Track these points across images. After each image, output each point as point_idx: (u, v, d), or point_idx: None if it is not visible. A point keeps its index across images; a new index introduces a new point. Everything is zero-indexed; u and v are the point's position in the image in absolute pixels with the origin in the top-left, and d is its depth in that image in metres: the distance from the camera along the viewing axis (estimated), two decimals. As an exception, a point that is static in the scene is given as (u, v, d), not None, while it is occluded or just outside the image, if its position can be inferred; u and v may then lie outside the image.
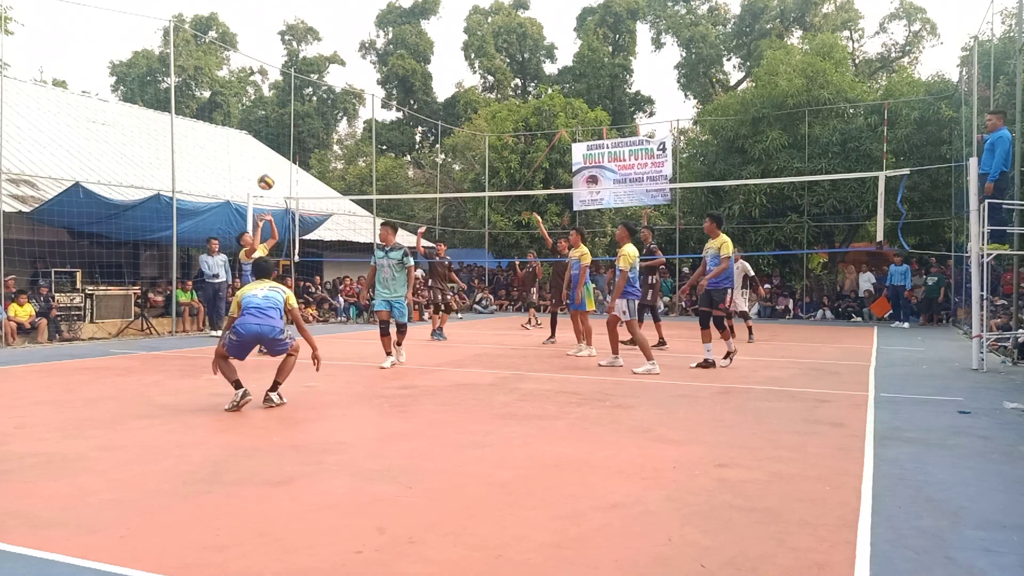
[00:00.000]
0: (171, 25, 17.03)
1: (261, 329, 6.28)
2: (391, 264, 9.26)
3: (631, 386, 7.80)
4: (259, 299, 6.42)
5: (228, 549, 3.15)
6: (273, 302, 6.46)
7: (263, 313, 6.33)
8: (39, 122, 18.63)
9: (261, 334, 6.29)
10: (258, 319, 6.29)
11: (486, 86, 43.49)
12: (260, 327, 6.27)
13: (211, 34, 42.74)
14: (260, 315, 6.32)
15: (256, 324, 6.27)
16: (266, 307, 6.38)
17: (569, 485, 4.12)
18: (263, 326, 6.28)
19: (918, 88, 20.18)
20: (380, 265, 9.35)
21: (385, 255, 9.32)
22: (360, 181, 34.56)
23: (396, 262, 9.26)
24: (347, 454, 4.81)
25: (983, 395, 7.33)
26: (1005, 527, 3.47)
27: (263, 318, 6.31)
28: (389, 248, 9.34)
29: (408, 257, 9.32)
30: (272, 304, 6.44)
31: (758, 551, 3.13)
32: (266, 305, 6.40)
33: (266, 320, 6.31)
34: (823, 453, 4.85)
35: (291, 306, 6.55)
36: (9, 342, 12.11)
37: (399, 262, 9.27)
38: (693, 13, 38.00)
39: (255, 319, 6.29)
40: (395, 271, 9.27)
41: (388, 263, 9.28)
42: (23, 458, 4.66)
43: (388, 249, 9.33)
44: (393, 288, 9.28)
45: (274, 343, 6.42)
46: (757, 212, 20.22)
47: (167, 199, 14.15)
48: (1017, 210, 9.99)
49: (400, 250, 9.32)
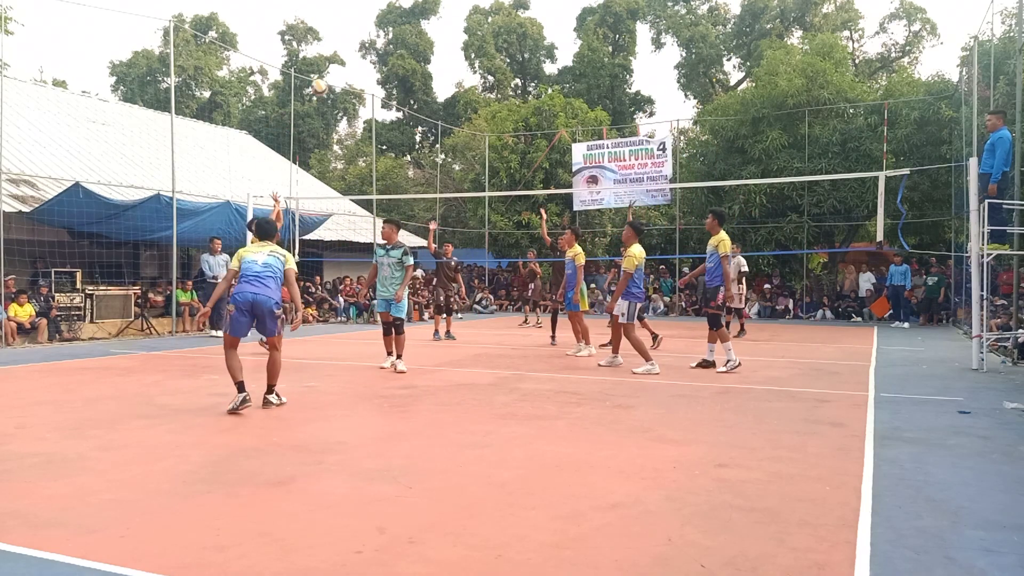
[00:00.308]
0: (171, 25, 17.03)
1: (257, 298, 6.19)
2: (391, 263, 9.14)
3: (631, 386, 7.80)
4: (259, 267, 6.32)
5: (228, 549, 3.15)
6: (273, 270, 6.36)
7: (261, 282, 6.26)
8: (39, 122, 18.63)
9: (256, 303, 6.20)
10: (255, 288, 6.22)
11: (486, 86, 43.50)
12: (256, 296, 6.20)
13: (211, 34, 42.75)
14: (258, 283, 6.25)
15: (252, 293, 6.20)
16: (264, 275, 6.29)
17: (569, 485, 4.12)
18: (259, 295, 6.20)
19: (918, 88, 20.18)
20: (380, 264, 9.24)
21: (386, 253, 9.20)
22: (360, 181, 34.57)
23: (395, 261, 9.14)
24: (347, 454, 4.81)
25: (983, 395, 7.33)
26: (1005, 527, 3.47)
27: (260, 287, 6.24)
28: (390, 247, 9.22)
29: (408, 256, 9.21)
30: (271, 272, 6.34)
31: (758, 551, 3.13)
32: (265, 274, 6.31)
33: (263, 289, 6.23)
34: (823, 453, 4.85)
35: (289, 267, 6.46)
36: (9, 342, 12.11)
37: (398, 261, 9.15)
38: (693, 13, 38.00)
39: (252, 287, 6.22)
40: (394, 270, 9.14)
41: (388, 261, 9.16)
42: (23, 458, 4.66)
43: (389, 248, 9.22)
44: (391, 288, 9.16)
45: (267, 318, 6.28)
46: (757, 212, 20.22)
47: (167, 199, 14.15)
48: (1017, 210, 9.99)
49: (400, 249, 9.19)
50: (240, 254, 6.46)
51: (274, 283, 6.35)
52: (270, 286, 6.30)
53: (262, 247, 6.52)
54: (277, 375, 6.51)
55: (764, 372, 8.94)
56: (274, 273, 6.36)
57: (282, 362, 6.64)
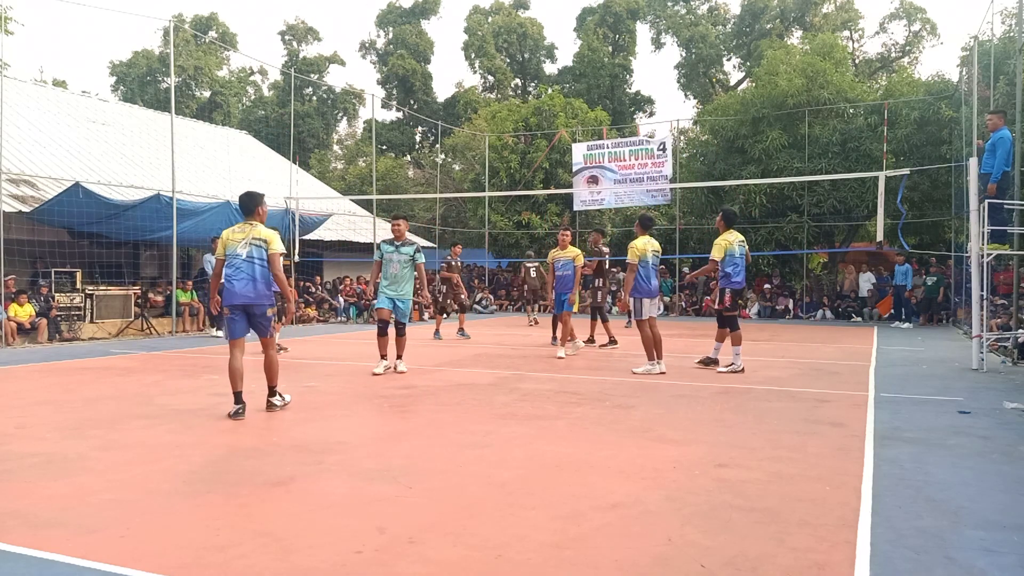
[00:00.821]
0: (171, 25, 17.04)
1: (247, 299, 6.05)
2: (401, 260, 8.82)
3: (631, 386, 7.80)
4: (242, 260, 6.08)
5: (228, 549, 3.15)
6: (258, 259, 6.11)
7: (249, 280, 6.07)
8: (39, 122, 18.64)
9: (248, 305, 6.07)
10: (244, 287, 6.05)
11: (486, 86, 43.51)
12: (246, 297, 6.05)
13: (211, 34, 42.75)
14: (246, 281, 6.06)
15: (243, 295, 6.05)
16: (250, 269, 6.07)
17: (569, 485, 4.12)
18: (248, 295, 6.05)
19: (918, 88, 20.18)
20: (388, 260, 8.85)
21: (395, 250, 8.84)
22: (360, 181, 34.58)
23: (407, 258, 8.84)
24: (347, 454, 4.81)
25: (983, 395, 7.33)
26: (1005, 527, 3.47)
27: (249, 287, 6.06)
28: (400, 243, 8.87)
29: (420, 254, 8.95)
30: (258, 263, 6.10)
31: (758, 551, 3.13)
32: (249, 268, 6.07)
33: (252, 290, 6.06)
34: (823, 453, 4.85)
35: (273, 251, 6.16)
36: (9, 342, 12.11)
37: (410, 259, 8.86)
38: (693, 13, 38.01)
39: (240, 286, 6.05)
40: (403, 267, 8.83)
41: (399, 259, 8.83)
42: (23, 458, 4.66)
43: (399, 244, 8.87)
44: (401, 286, 8.85)
45: (259, 320, 6.16)
46: (757, 212, 20.22)
47: (167, 199, 14.15)
48: (1017, 210, 9.99)
49: (412, 246, 8.95)
50: (224, 239, 6.19)
51: (262, 277, 6.14)
52: (259, 283, 6.11)
53: (243, 231, 6.17)
54: (276, 375, 6.40)
55: (764, 372, 8.94)
56: (261, 264, 6.13)
57: (280, 361, 6.59)
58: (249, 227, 6.22)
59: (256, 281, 6.13)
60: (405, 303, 8.92)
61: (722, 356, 9.12)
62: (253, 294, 6.10)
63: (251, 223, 6.26)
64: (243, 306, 6.11)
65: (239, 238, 6.16)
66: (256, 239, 6.17)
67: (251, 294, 6.10)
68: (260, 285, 6.15)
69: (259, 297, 6.14)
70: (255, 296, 6.11)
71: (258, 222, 6.28)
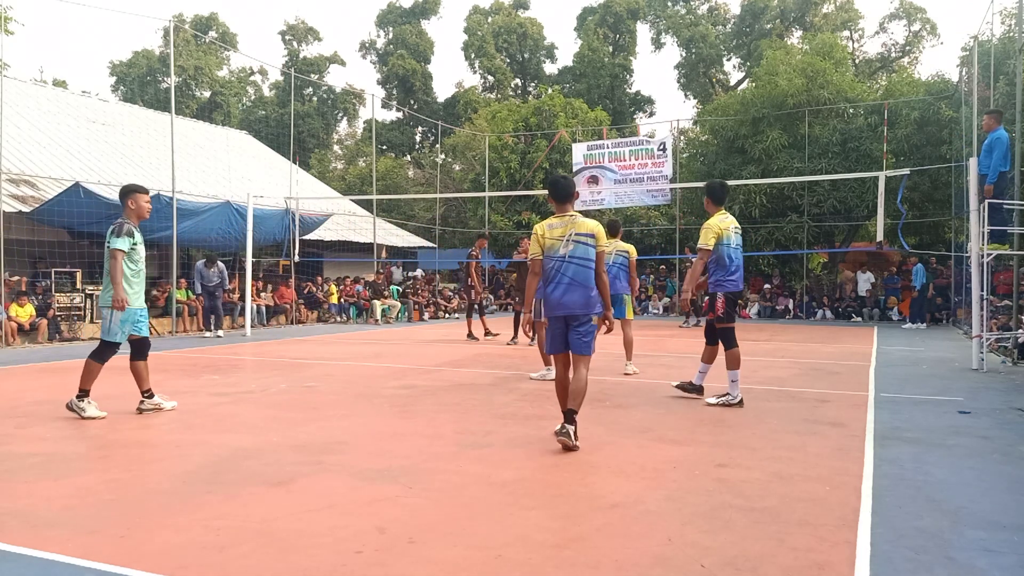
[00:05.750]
0: (171, 25, 17.05)
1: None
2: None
3: (630, 386, 7.80)
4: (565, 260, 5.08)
5: (228, 549, 3.15)
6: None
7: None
8: (39, 122, 18.64)
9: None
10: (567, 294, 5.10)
11: (486, 86, 43.52)
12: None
13: (211, 34, 42.75)
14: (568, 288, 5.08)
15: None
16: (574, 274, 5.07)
17: (569, 485, 4.12)
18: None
19: (918, 88, 20.19)
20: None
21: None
22: (360, 181, 34.60)
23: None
24: (347, 454, 4.81)
25: (983, 395, 7.33)
26: (1005, 527, 3.47)
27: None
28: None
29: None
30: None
31: (758, 551, 3.13)
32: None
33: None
34: (823, 453, 4.85)
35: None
36: (9, 342, 12.11)
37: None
38: (693, 13, 38.01)
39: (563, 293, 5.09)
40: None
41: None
42: (23, 458, 4.66)
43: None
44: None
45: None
46: (757, 212, 20.22)
47: (167, 199, 14.15)
48: (1017, 210, 9.99)
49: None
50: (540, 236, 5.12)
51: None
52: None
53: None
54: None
55: (764, 372, 8.93)
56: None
57: (280, 361, 6.59)
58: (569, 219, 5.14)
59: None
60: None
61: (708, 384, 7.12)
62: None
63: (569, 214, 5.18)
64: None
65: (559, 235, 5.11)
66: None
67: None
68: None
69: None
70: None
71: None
